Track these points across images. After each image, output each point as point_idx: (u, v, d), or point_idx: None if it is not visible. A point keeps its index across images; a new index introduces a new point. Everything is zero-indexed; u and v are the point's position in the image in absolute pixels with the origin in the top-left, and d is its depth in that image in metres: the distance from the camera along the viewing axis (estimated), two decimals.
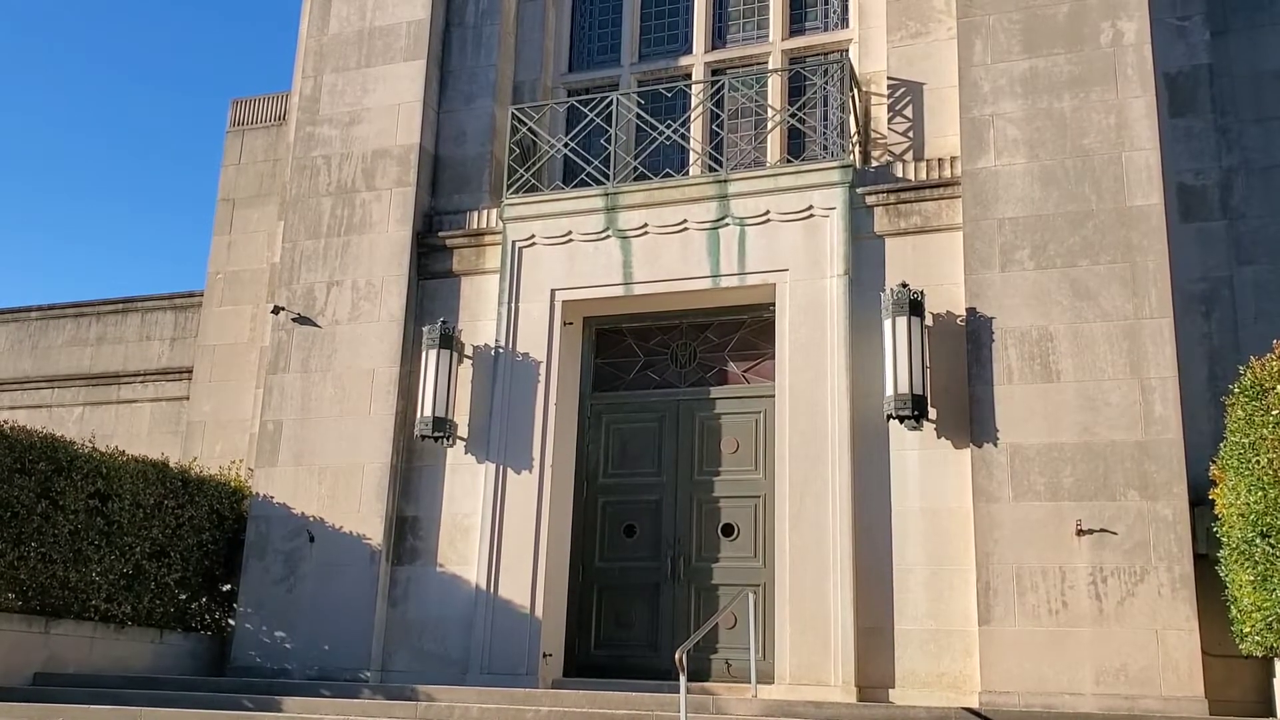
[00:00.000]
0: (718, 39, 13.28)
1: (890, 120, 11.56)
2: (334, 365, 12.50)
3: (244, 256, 14.88)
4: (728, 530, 11.48)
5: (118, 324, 16.67)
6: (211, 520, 12.38)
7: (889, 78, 11.59)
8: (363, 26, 13.53)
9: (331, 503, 12.13)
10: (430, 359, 11.93)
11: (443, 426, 11.82)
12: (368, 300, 12.58)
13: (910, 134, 11.42)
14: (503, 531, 11.55)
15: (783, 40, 12.85)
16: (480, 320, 12.41)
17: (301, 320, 12.76)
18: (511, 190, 12.54)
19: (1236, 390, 8.41)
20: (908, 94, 11.49)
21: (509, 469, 11.73)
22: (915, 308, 10.38)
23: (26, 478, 10.33)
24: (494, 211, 12.64)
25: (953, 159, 11.02)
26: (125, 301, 16.61)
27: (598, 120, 12.70)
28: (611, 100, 12.57)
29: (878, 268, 11.01)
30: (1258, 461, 7.83)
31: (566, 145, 12.94)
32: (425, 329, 12.12)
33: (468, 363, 12.24)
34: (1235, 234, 10.80)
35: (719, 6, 13.36)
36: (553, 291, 12.10)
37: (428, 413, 11.79)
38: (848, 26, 12.61)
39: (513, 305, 12.15)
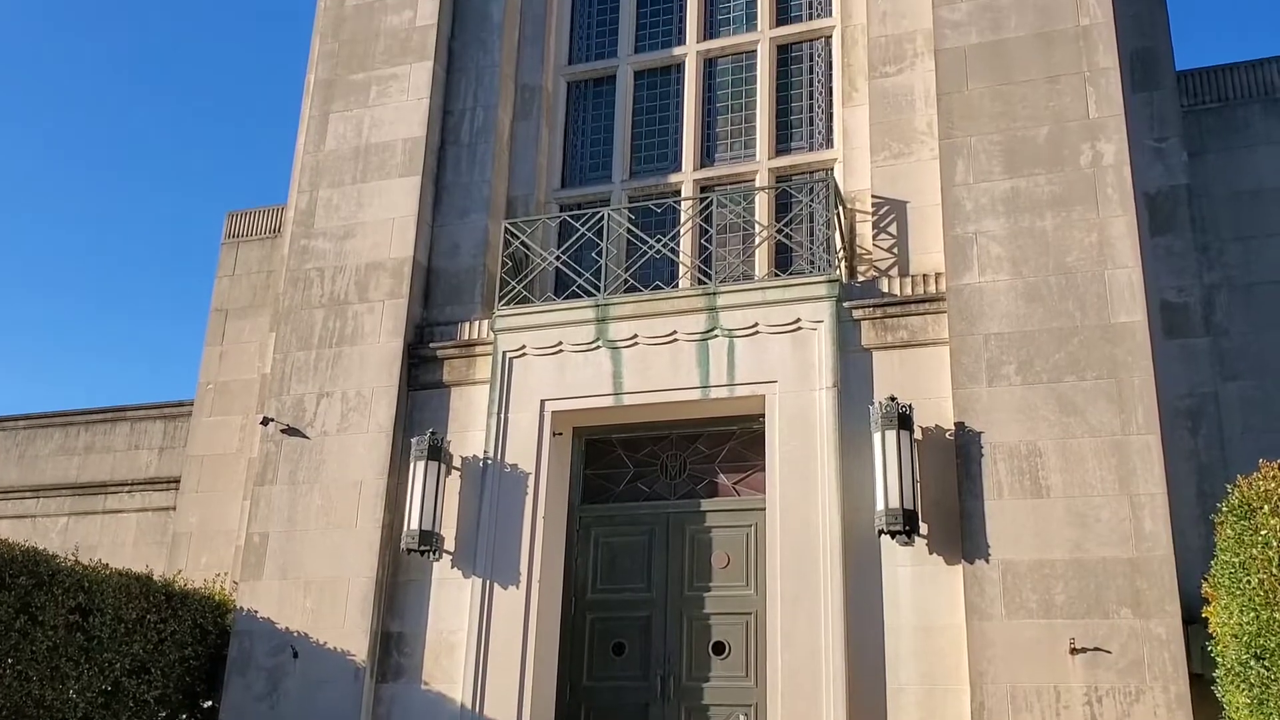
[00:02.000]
0: (706, 158, 13.57)
1: (875, 236, 11.75)
2: (322, 477, 12.45)
3: (235, 367, 14.92)
4: (719, 648, 11.32)
5: (106, 433, 16.62)
6: (194, 635, 12.17)
7: (873, 196, 11.82)
8: (359, 143, 13.81)
9: (316, 617, 11.95)
10: (418, 471, 11.88)
11: (429, 540, 11.72)
12: (357, 411, 12.58)
13: (895, 250, 11.60)
14: (489, 649, 11.37)
15: (769, 159, 13.13)
16: (469, 431, 12.40)
17: (290, 431, 12.74)
18: (503, 302, 12.66)
19: (1225, 509, 8.39)
20: (892, 211, 11.70)
21: (496, 584, 11.60)
22: (904, 421, 10.40)
23: (6, 593, 10.18)
24: (485, 323, 12.74)
25: (937, 275, 11.18)
26: (115, 411, 16.59)
27: (589, 234, 12.89)
28: (603, 215, 12.78)
29: (866, 381, 11.08)
30: (1249, 582, 7.77)
31: (558, 258, 13.11)
32: (414, 440, 12.10)
33: (456, 474, 12.20)
34: (1219, 350, 10.91)
35: (708, 128, 13.68)
36: (542, 402, 12.12)
37: (414, 526, 11.70)
38: (832, 147, 12.90)
39: (502, 415, 12.16)
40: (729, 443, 12.00)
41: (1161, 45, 11.64)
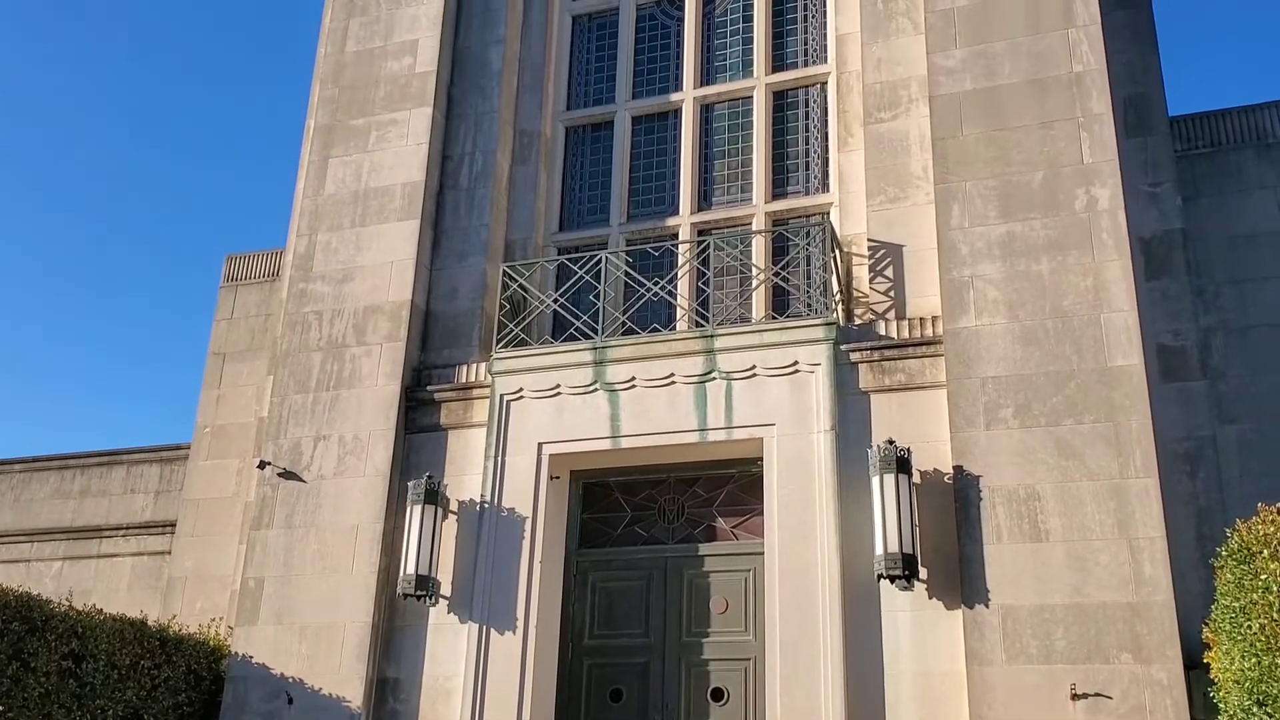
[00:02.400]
0: (703, 201, 13.65)
1: (872, 280, 11.79)
2: (318, 521, 12.39)
3: (232, 410, 14.90)
4: (718, 695, 11.21)
5: (102, 477, 16.56)
6: (189, 681, 12.05)
7: (869, 240, 11.88)
8: (358, 188, 13.88)
9: (311, 663, 11.85)
10: (415, 515, 11.83)
11: (426, 585, 11.65)
12: (354, 455, 12.55)
13: (892, 293, 11.64)
14: (485, 695, 11.26)
15: (766, 203, 13.21)
16: (466, 474, 12.37)
17: (287, 475, 12.70)
18: (501, 345, 12.68)
19: (1224, 553, 8.36)
20: (888, 255, 11.75)
21: (493, 629, 11.51)
22: (903, 465, 10.38)
23: None
24: (483, 365, 12.75)
25: (934, 318, 11.21)
26: (111, 454, 16.54)
27: (587, 277, 12.94)
28: (601, 258, 12.83)
29: (864, 424, 11.07)
30: (1249, 627, 7.73)
31: (556, 301, 13.14)
32: (410, 484, 12.06)
33: (453, 518, 12.14)
34: (1217, 393, 10.93)
35: (704, 172, 13.78)
36: (540, 445, 12.10)
37: (410, 570, 11.63)
38: (828, 191, 12.98)
39: (499, 459, 12.13)
40: (727, 486, 11.96)
41: (1154, 91, 11.76)
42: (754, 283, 12.82)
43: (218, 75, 45.46)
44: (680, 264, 13.08)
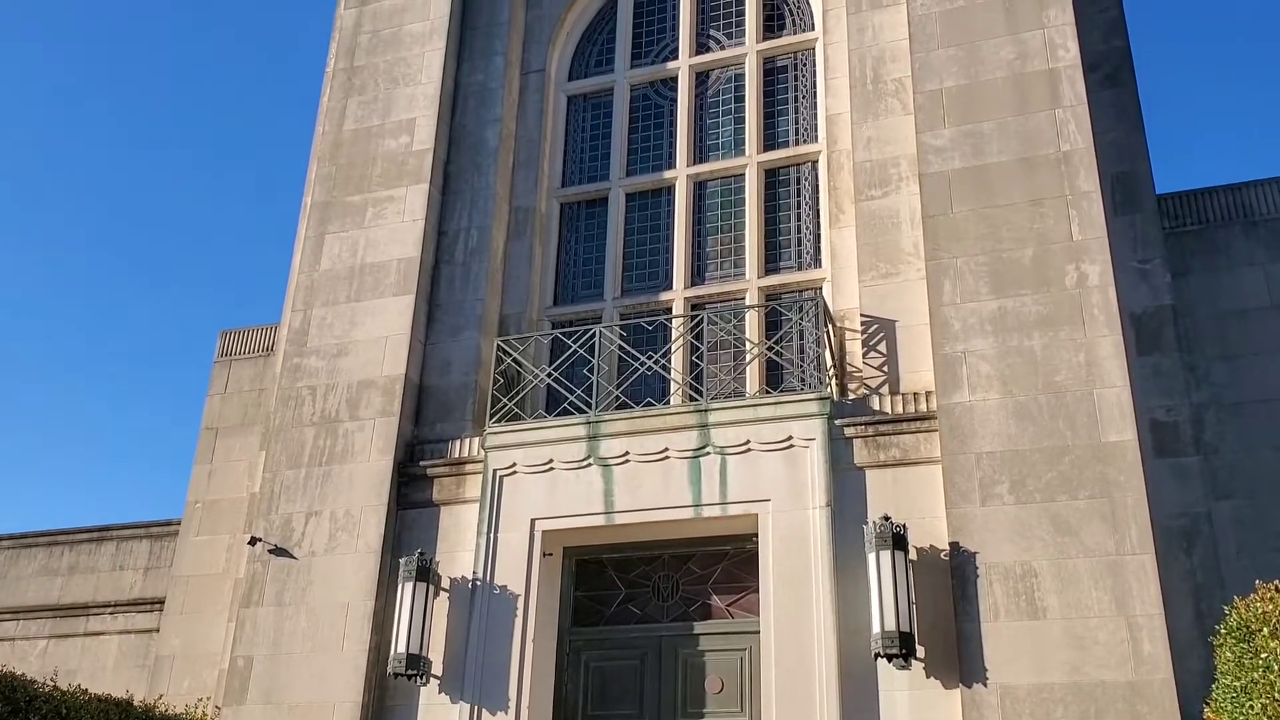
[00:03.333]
0: (697, 276, 13.75)
1: (865, 355, 11.83)
2: (308, 598, 12.25)
3: (224, 485, 14.81)
4: None
5: (91, 553, 16.39)
6: None
7: (862, 315, 11.94)
8: (354, 263, 13.97)
9: None
10: (406, 592, 11.70)
11: (416, 664, 11.48)
12: (346, 531, 12.45)
13: (885, 368, 11.67)
14: None
15: (759, 278, 13.31)
16: (459, 551, 12.26)
17: (278, 551, 12.58)
18: (494, 419, 12.66)
19: (1223, 631, 8.28)
20: (881, 330, 11.81)
21: (484, 710, 11.32)
22: (899, 541, 10.32)
23: None
24: (476, 440, 12.71)
25: (928, 393, 11.23)
26: (100, 530, 16.40)
27: (581, 351, 12.97)
28: (594, 332, 12.87)
29: (859, 499, 11.02)
30: (1251, 707, 7.62)
31: (550, 375, 13.15)
32: (402, 560, 11.95)
33: (444, 595, 12.02)
34: (1211, 469, 10.92)
35: (698, 247, 13.90)
36: (533, 521, 12.02)
37: (401, 649, 11.47)
38: (820, 266, 13.09)
39: (492, 535, 12.04)
40: (722, 563, 11.87)
41: (1141, 169, 11.92)
42: (748, 357, 12.85)
43: (213, 152, 45.96)
44: (674, 338, 13.12)
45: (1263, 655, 7.57)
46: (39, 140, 44.04)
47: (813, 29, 14.43)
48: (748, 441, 11.50)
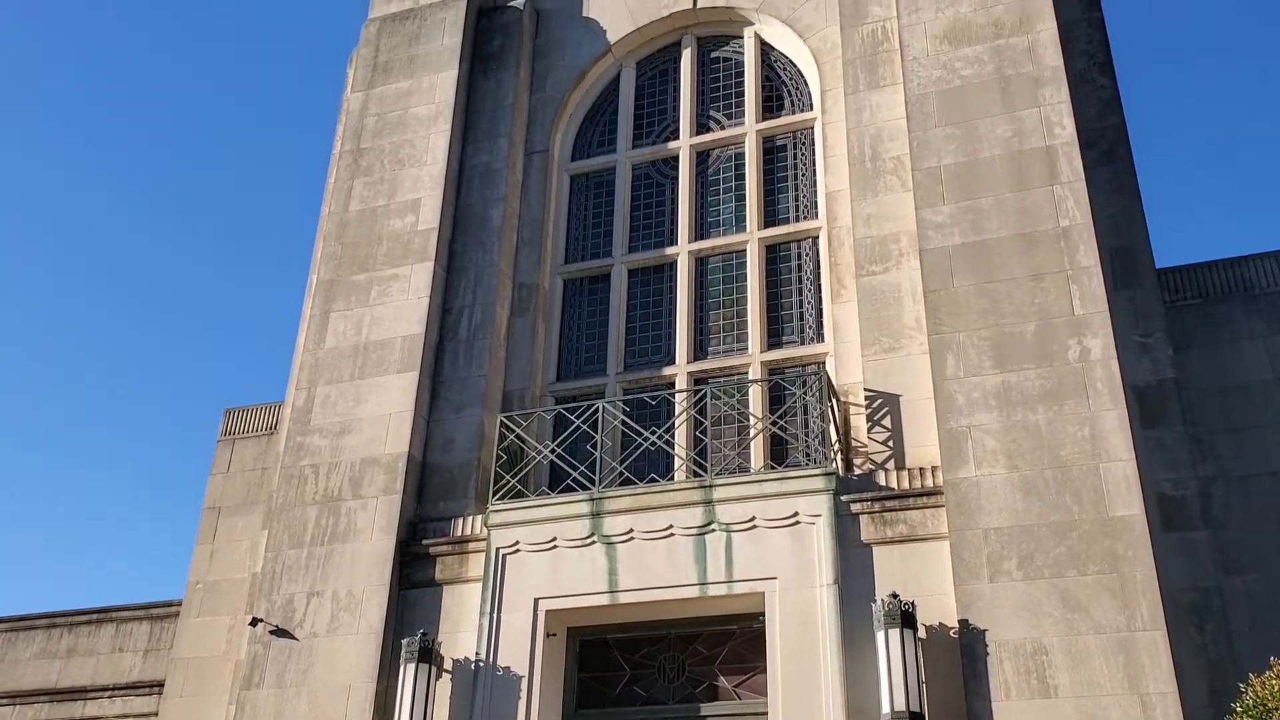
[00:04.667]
0: (699, 351, 13.79)
1: (870, 429, 11.81)
2: (310, 681, 12.08)
3: (225, 565, 14.70)
4: None
5: (90, 635, 16.19)
6: None
7: (866, 389, 11.95)
8: (359, 340, 14.02)
9: None
10: (408, 674, 11.53)
11: None
12: (348, 612, 12.32)
13: (890, 443, 11.65)
14: None
15: (761, 353, 13.35)
16: (461, 631, 12.12)
17: (279, 633, 12.44)
18: (497, 496, 12.60)
19: (1239, 709, 8.16)
20: (885, 405, 11.81)
21: None
22: (907, 619, 10.20)
23: None
24: (479, 518, 12.64)
25: (934, 468, 11.19)
26: (100, 612, 16.21)
27: (584, 427, 12.96)
28: (598, 408, 12.87)
29: (867, 577, 10.92)
30: None
31: (553, 451, 13.13)
32: (405, 641, 11.80)
33: (447, 677, 11.85)
34: (1220, 543, 10.83)
35: (700, 322, 13.97)
36: (536, 600, 11.89)
37: None
38: (823, 341, 13.14)
39: (495, 615, 11.91)
40: (729, 643, 11.72)
41: (1140, 244, 12.02)
42: (752, 432, 12.83)
43: (219, 231, 46.42)
44: (677, 413, 13.12)
45: None
46: (46, 215, 44.51)
47: (811, 109, 14.66)
48: (753, 518, 11.43)
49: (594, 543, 11.94)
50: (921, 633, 10.37)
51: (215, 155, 47.35)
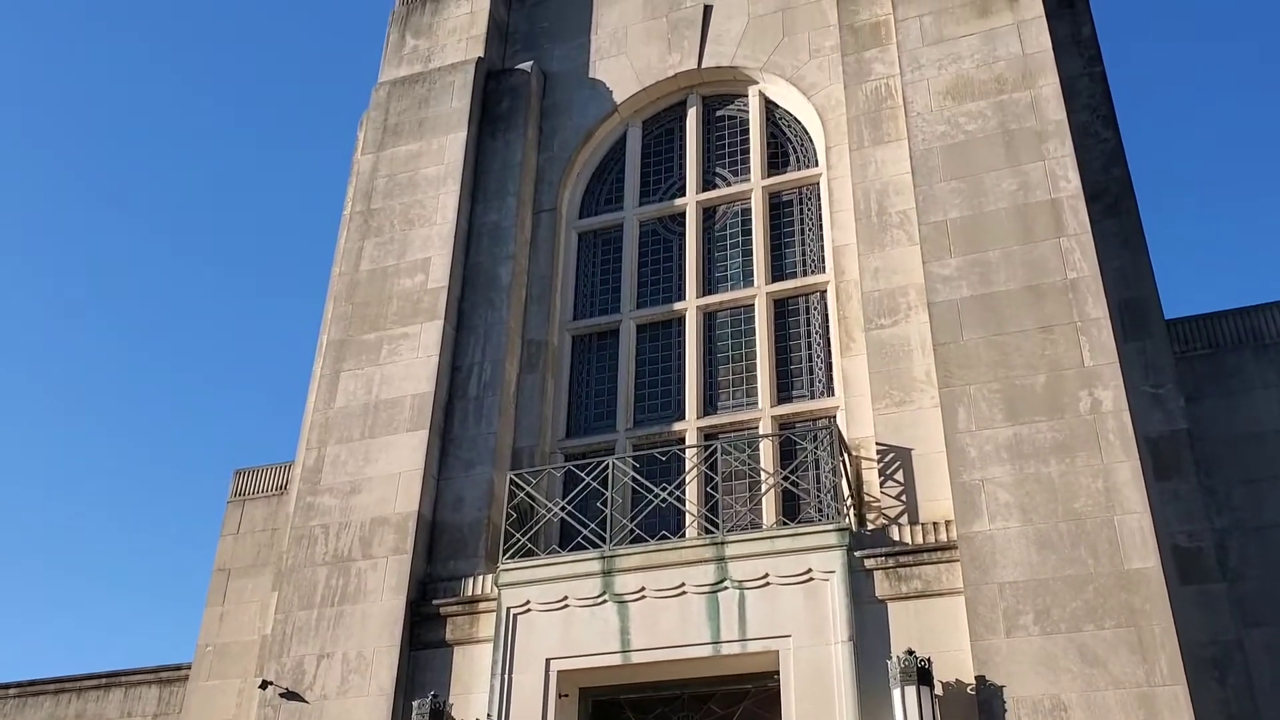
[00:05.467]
0: (709, 406, 13.78)
1: (882, 484, 11.76)
2: None
3: (235, 628, 14.60)
4: None
5: (99, 700, 16.05)
6: None
7: (877, 443, 11.91)
8: (369, 400, 14.04)
9: None
10: None
11: None
12: (358, 673, 12.21)
13: (903, 497, 11.59)
14: None
15: (771, 407, 13.33)
16: (473, 693, 12.00)
17: (289, 695, 12.32)
18: (508, 555, 12.53)
19: None
20: (897, 459, 11.76)
21: None
22: (924, 676, 10.08)
23: None
24: (489, 578, 12.56)
25: (947, 522, 11.12)
26: (109, 676, 16.08)
27: (594, 484, 12.91)
28: (607, 464, 12.84)
29: (882, 633, 10.82)
30: None
31: (563, 509, 13.07)
32: (415, 703, 11.68)
33: None
34: (1239, 596, 10.71)
35: (709, 377, 13.98)
36: (547, 661, 11.78)
37: None
38: (833, 394, 13.12)
39: (506, 676, 11.79)
40: (743, 702, 11.57)
41: (1148, 295, 12.03)
42: (763, 487, 12.77)
43: (229, 293, 46.71)
44: (688, 469, 13.08)
45: None
46: (59, 273, 44.83)
47: (816, 164, 14.79)
48: (766, 575, 11.35)
49: (605, 601, 11.85)
50: (938, 689, 10.23)
51: (228, 216, 47.80)
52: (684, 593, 11.61)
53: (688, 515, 12.84)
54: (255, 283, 47.48)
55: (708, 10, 16.24)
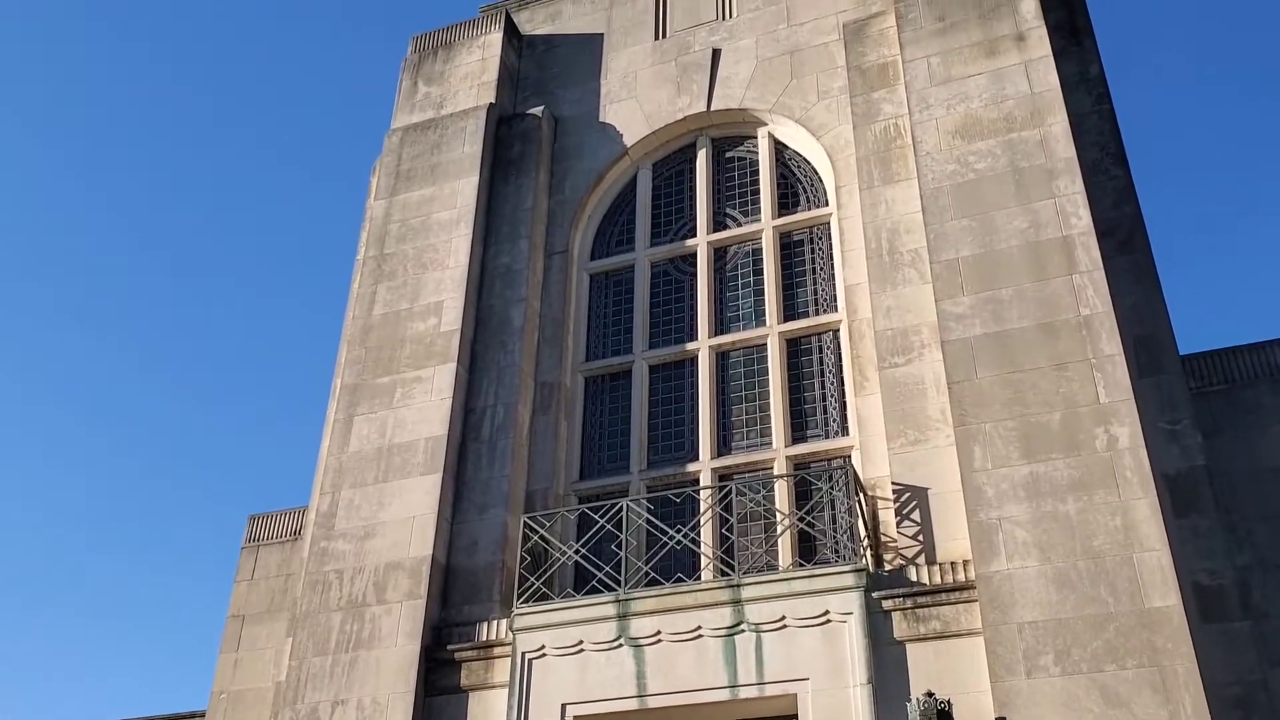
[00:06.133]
0: (723, 446, 13.75)
1: (899, 524, 11.68)
2: None
3: (250, 674, 14.53)
4: None
5: None
6: None
7: (893, 483, 11.85)
8: (382, 443, 14.04)
9: None
10: None
11: None
12: None
13: (920, 537, 11.51)
14: None
15: (786, 447, 13.29)
16: None
17: None
18: (522, 599, 12.46)
19: None
20: (913, 498, 11.70)
21: None
22: (944, 718, 9.94)
23: None
24: (504, 622, 12.49)
25: (965, 562, 11.03)
26: None
27: (608, 526, 12.86)
28: (621, 506, 12.79)
29: (901, 675, 10.70)
30: None
31: (577, 552, 13.02)
32: None
33: None
34: (1262, 634, 10.57)
35: (723, 417, 13.95)
36: (563, 706, 11.68)
37: None
38: (848, 434, 13.08)
39: None
40: None
41: (1162, 331, 11.99)
42: (779, 528, 12.71)
43: (241, 339, 46.93)
44: (702, 510, 13.02)
45: None
46: (68, 319, 45.11)
47: (827, 204, 14.85)
48: (783, 617, 11.25)
49: (621, 645, 11.76)
50: None
51: (241, 263, 48.10)
52: (700, 636, 11.53)
53: (703, 557, 12.77)
54: (270, 327, 47.69)
55: (716, 54, 16.39)
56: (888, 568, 11.46)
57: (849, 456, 12.86)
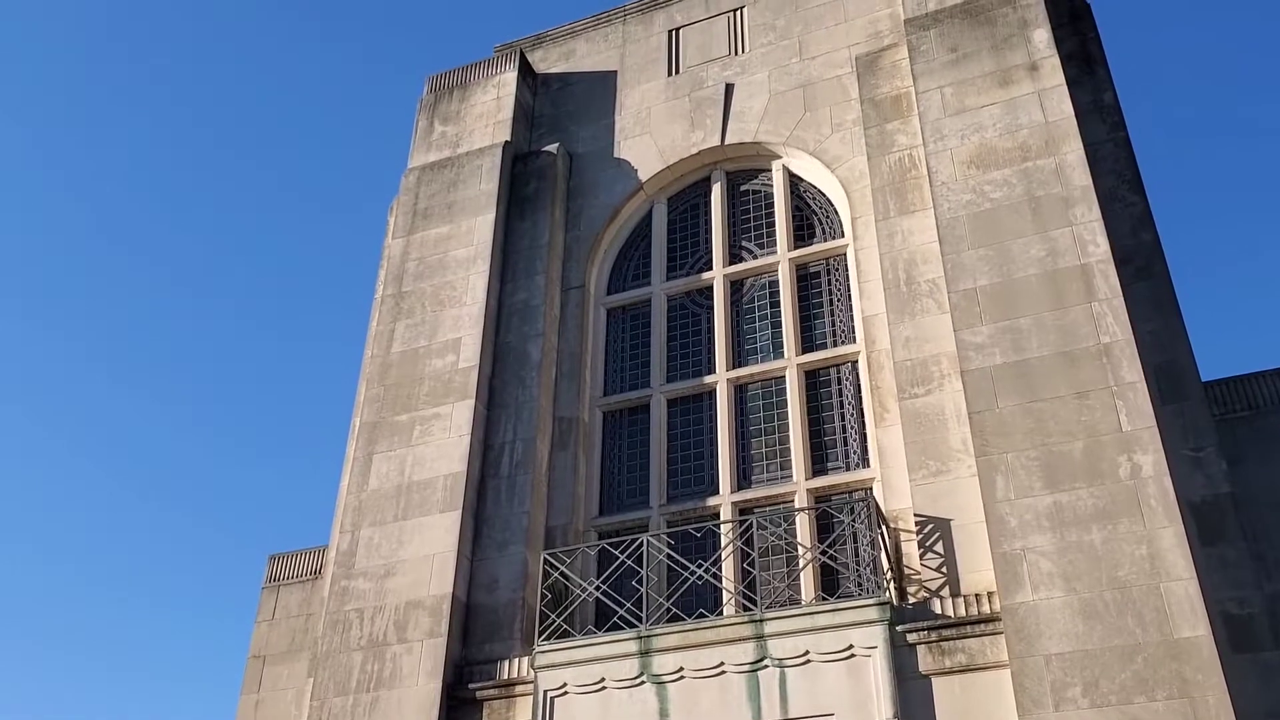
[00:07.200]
0: (743, 480, 13.69)
1: (922, 556, 11.59)
2: None
3: (271, 715, 14.47)
4: None
5: None
6: None
7: (916, 515, 11.76)
8: (401, 481, 14.05)
9: None
10: None
11: None
12: None
13: (944, 569, 11.40)
14: None
15: (806, 480, 13.22)
16: None
17: None
18: (543, 637, 12.40)
19: None
20: (936, 530, 11.61)
21: None
22: None
23: None
24: (525, 660, 12.42)
25: (990, 594, 10.92)
26: None
27: (629, 562, 12.80)
28: (642, 542, 12.73)
29: (927, 709, 10.58)
30: None
31: (598, 588, 12.95)
32: None
33: None
34: None
35: (742, 450, 13.90)
36: None
37: None
38: (869, 466, 13.01)
39: None
40: None
41: (1183, 358, 11.90)
42: (801, 562, 12.62)
43: (259, 378, 47.16)
44: (723, 545, 12.95)
45: None
46: (87, 356, 45.41)
47: (843, 236, 14.86)
48: (807, 652, 11.15)
49: (643, 683, 11.67)
50: None
51: (261, 304, 48.41)
52: (723, 672, 11.43)
53: (725, 592, 12.68)
54: (289, 366, 47.90)
55: (729, 88, 16.49)
56: (911, 600, 11.36)
57: (870, 488, 12.78)
